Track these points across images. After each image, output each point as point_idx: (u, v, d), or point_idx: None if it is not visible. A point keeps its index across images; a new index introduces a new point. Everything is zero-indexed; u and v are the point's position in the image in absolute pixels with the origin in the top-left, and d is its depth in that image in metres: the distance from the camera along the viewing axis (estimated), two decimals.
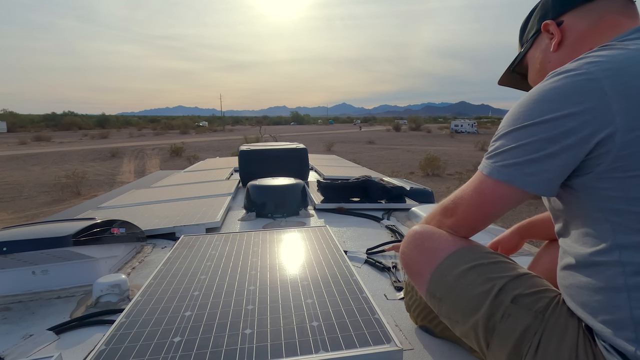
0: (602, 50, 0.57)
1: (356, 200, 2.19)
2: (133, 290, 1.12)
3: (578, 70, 0.55)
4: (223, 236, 1.43)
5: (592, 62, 0.55)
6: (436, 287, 0.72)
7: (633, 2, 0.68)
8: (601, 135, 0.52)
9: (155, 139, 29.80)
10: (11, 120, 50.03)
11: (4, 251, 0.99)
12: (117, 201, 2.37)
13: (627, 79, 0.52)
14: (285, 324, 0.81)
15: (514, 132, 0.60)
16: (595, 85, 0.53)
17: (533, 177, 0.58)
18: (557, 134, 0.55)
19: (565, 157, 0.55)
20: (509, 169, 0.60)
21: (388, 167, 12.25)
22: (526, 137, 0.58)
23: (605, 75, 0.53)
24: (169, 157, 16.64)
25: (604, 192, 0.54)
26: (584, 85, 0.53)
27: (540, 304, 0.61)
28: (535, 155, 0.57)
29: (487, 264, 0.68)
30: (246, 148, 2.95)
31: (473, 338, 0.67)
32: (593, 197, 0.56)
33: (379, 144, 24.92)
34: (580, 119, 0.53)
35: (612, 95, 0.51)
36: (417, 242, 0.78)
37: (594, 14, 0.67)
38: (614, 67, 0.53)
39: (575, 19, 0.69)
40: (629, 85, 0.51)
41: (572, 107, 0.54)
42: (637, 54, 0.54)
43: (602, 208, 0.55)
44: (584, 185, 0.57)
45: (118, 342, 0.75)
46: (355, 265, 1.33)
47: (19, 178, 11.14)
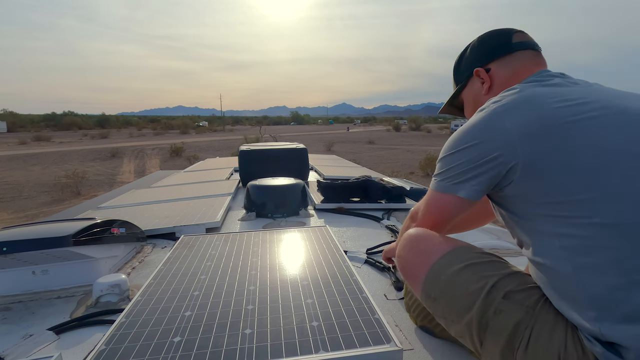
0: (508, 91, 0.72)
1: (356, 200, 2.19)
2: (133, 290, 1.12)
3: (487, 109, 0.71)
4: (223, 236, 1.43)
5: (496, 101, 0.71)
6: (431, 287, 0.75)
7: (539, 51, 0.86)
8: (510, 164, 0.65)
9: (155, 139, 29.80)
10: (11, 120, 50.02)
11: (4, 251, 0.99)
12: (117, 201, 2.37)
13: (522, 114, 0.65)
14: (285, 324, 0.81)
15: (447, 157, 0.75)
16: (499, 119, 0.67)
17: (462, 185, 0.73)
18: (475, 156, 0.70)
19: (484, 174, 0.69)
20: (445, 182, 0.75)
21: (388, 167, 12.25)
22: (455, 161, 0.73)
23: (504, 110, 0.68)
24: (169, 157, 16.64)
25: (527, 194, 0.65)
26: (490, 119, 0.69)
27: (531, 299, 0.64)
28: (461, 171, 0.72)
29: (480, 263, 0.71)
30: (246, 148, 2.95)
31: (468, 337, 0.69)
32: (521, 199, 0.66)
33: (379, 144, 24.92)
34: (490, 146, 0.67)
35: (512, 127, 0.65)
36: (412, 245, 0.81)
37: (512, 63, 0.84)
38: (513, 105, 0.68)
39: (499, 67, 0.86)
40: (523, 120, 0.65)
41: (483, 137, 0.69)
42: (533, 93, 0.68)
43: (531, 207, 0.65)
44: (512, 192, 0.68)
45: (118, 342, 0.75)
46: (355, 265, 1.33)
47: (19, 178, 11.14)
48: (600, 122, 0.61)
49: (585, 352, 0.56)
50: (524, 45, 0.84)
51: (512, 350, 0.62)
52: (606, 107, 0.63)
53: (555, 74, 0.76)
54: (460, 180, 0.73)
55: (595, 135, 0.60)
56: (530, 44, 0.84)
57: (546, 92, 0.68)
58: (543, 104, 0.66)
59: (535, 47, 0.85)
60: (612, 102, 0.64)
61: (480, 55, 0.89)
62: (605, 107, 0.63)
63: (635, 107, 0.63)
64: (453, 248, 0.76)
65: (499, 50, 0.86)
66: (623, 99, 0.65)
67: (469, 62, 0.91)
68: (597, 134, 0.60)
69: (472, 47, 0.91)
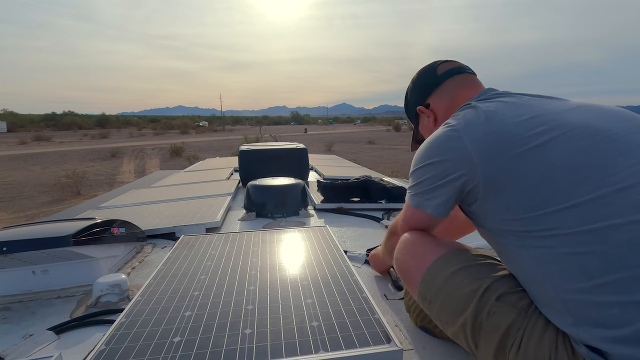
0: (461, 110, 0.77)
1: (356, 200, 2.19)
2: (133, 290, 1.12)
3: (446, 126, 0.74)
4: (223, 236, 1.43)
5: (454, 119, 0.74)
6: (426, 289, 0.76)
7: (473, 73, 0.91)
8: (473, 183, 0.68)
9: (155, 139, 29.79)
10: (11, 120, 50.01)
11: (4, 251, 0.99)
12: (117, 201, 2.37)
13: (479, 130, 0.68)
14: (285, 324, 0.81)
15: (416, 171, 0.78)
16: (458, 138, 0.70)
17: (429, 202, 0.76)
18: (439, 172, 0.73)
19: (449, 188, 0.72)
20: (416, 197, 0.79)
21: (388, 167, 12.25)
22: (422, 175, 0.76)
23: (462, 128, 0.70)
24: (169, 157, 16.64)
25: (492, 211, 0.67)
26: (450, 137, 0.72)
27: (524, 302, 0.65)
28: (428, 187, 0.75)
29: (474, 266, 0.72)
30: (246, 148, 2.95)
31: (463, 339, 0.70)
32: (488, 216, 0.69)
33: (379, 144, 24.92)
34: (451, 163, 0.70)
35: (470, 145, 0.68)
36: (409, 248, 0.82)
37: (445, 92, 0.90)
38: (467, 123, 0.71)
39: (436, 100, 0.92)
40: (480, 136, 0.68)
41: (445, 155, 0.72)
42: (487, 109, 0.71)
43: (497, 223, 0.67)
44: (478, 209, 0.70)
45: (118, 342, 0.75)
46: (355, 265, 1.33)
47: (19, 178, 11.14)
48: (550, 137, 0.63)
49: (575, 353, 0.56)
50: (450, 73, 0.90)
51: (504, 352, 0.62)
52: (554, 120, 0.65)
53: (501, 93, 0.78)
54: (428, 196, 0.76)
55: (546, 150, 0.62)
56: (455, 70, 0.91)
57: (498, 107, 0.71)
58: (498, 119, 0.68)
59: (464, 71, 0.91)
60: (559, 115, 0.66)
61: (417, 95, 0.97)
62: (553, 121, 0.65)
63: (578, 119, 0.65)
64: (448, 251, 0.77)
65: (429, 86, 0.93)
66: (569, 112, 0.67)
67: (411, 103, 1.00)
68: (548, 149, 0.62)
69: (410, 90, 1.01)
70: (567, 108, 0.68)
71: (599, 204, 0.56)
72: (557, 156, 0.61)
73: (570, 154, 0.60)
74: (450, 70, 0.91)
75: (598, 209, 0.56)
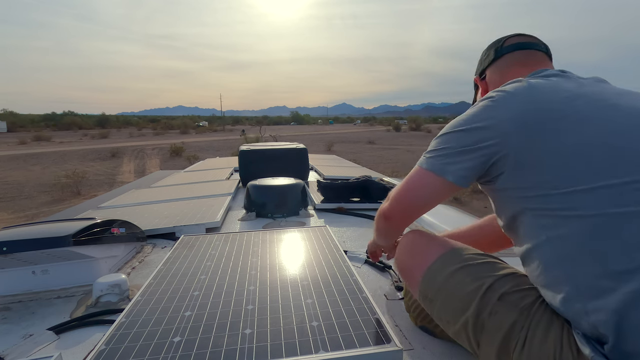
0: (509, 84, 0.73)
1: (356, 200, 2.19)
2: (133, 290, 1.12)
3: (488, 97, 0.71)
4: (223, 236, 1.43)
5: (497, 91, 0.71)
6: (427, 288, 0.75)
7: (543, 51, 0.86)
8: (502, 153, 0.65)
9: (155, 139, 29.78)
10: (11, 120, 50.01)
11: (4, 251, 0.99)
12: (117, 201, 2.37)
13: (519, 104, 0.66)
14: (285, 324, 0.81)
15: (441, 136, 0.74)
16: (497, 108, 0.68)
17: (451, 166, 0.71)
18: (468, 139, 0.69)
19: (477, 155, 0.68)
20: (434, 160, 0.73)
21: (388, 167, 12.24)
22: (447, 141, 0.72)
23: (501, 97, 0.68)
24: (169, 157, 16.63)
25: (517, 187, 0.65)
26: (488, 104, 0.69)
27: (526, 301, 0.64)
28: (452, 152, 0.71)
29: (475, 265, 0.72)
30: (246, 148, 2.95)
31: (465, 338, 0.70)
32: (511, 192, 0.66)
33: (379, 144, 24.92)
34: (484, 131, 0.67)
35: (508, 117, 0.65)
36: (409, 247, 0.82)
37: (500, 66, 0.88)
38: (507, 94, 0.68)
39: (492, 73, 0.91)
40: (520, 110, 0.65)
41: (479, 122, 0.69)
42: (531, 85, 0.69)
43: (520, 201, 0.65)
44: (501, 185, 0.68)
45: (118, 342, 0.75)
46: (355, 265, 1.33)
47: (19, 178, 11.14)
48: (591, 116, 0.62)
49: (580, 353, 0.56)
50: (512, 48, 0.87)
51: (508, 351, 0.62)
52: (600, 100, 0.64)
53: (554, 72, 0.76)
54: (451, 160, 0.71)
55: (584, 128, 0.61)
56: (520, 45, 0.87)
57: (543, 84, 0.69)
58: (540, 94, 0.67)
59: (532, 47, 0.86)
60: (606, 96, 0.65)
61: (479, 65, 0.97)
62: (598, 101, 0.63)
63: (625, 103, 0.64)
64: (449, 250, 0.76)
65: (489, 57, 0.92)
66: (617, 96, 0.65)
67: (476, 73, 0.99)
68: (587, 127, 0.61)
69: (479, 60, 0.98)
70: (616, 92, 0.67)
71: (630, 189, 0.55)
72: (595, 135, 0.60)
73: (608, 135, 0.59)
74: (515, 44, 0.87)
75: (628, 194, 0.55)
